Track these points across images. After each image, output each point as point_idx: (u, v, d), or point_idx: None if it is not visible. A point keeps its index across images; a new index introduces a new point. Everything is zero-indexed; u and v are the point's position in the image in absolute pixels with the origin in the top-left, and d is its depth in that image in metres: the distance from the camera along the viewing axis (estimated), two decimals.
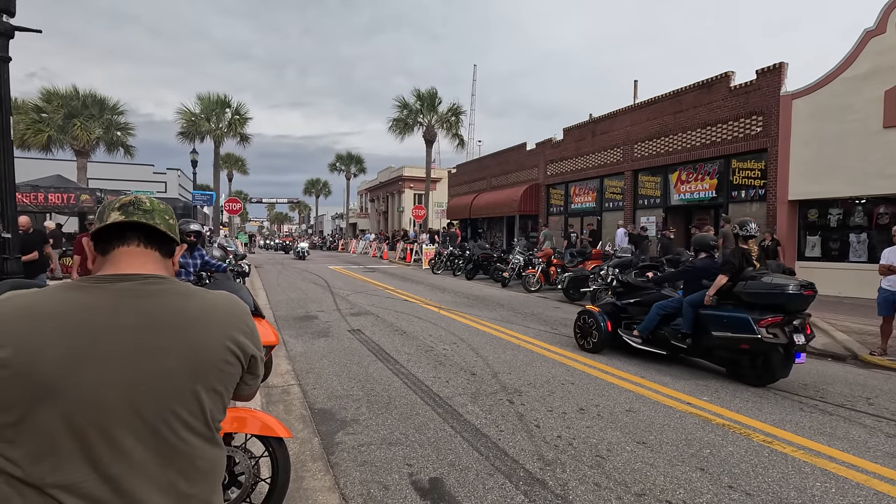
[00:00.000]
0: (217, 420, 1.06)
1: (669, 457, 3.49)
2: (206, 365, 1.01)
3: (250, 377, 1.15)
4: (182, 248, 1.19)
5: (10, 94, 4.14)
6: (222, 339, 1.04)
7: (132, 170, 34.39)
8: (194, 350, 1.00)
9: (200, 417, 1.01)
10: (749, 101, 13.04)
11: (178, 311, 1.01)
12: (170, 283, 1.05)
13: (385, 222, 46.45)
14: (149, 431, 0.94)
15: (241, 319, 1.10)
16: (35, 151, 20.27)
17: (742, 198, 13.44)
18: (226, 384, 1.06)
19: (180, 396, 0.98)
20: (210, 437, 1.04)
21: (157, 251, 1.08)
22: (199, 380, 1.00)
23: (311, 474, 3.23)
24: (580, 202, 19.90)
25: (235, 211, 23.38)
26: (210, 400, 1.02)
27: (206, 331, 1.02)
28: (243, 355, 1.08)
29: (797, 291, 5.07)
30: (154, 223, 1.06)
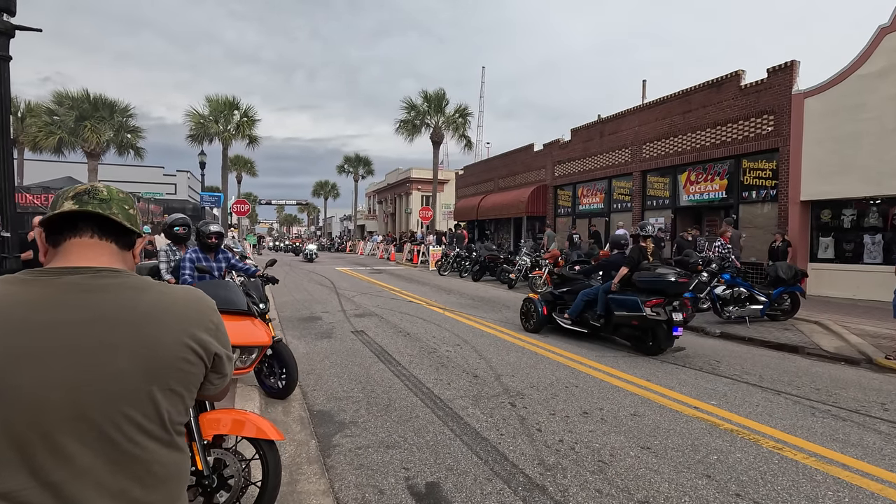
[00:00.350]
0: (177, 422, 0.99)
1: (675, 463, 3.38)
2: (161, 364, 0.94)
3: (216, 377, 1.08)
4: (143, 242, 1.11)
5: (10, 94, 4.14)
6: (180, 336, 0.97)
7: (142, 172, 34.79)
8: (148, 348, 0.93)
9: (156, 420, 0.94)
10: (760, 100, 12.82)
11: (130, 306, 0.94)
12: (124, 277, 0.97)
13: (393, 224, 46.48)
14: (96, 435, 0.88)
15: (203, 315, 1.03)
16: (47, 153, 20.55)
17: (753, 198, 13.21)
18: (185, 384, 0.99)
19: (132, 397, 0.91)
20: (168, 440, 0.97)
21: (113, 243, 1.01)
22: (154, 380, 0.93)
23: (307, 477, 3.16)
24: (588, 203, 19.73)
25: (243, 212, 23.49)
26: (167, 401, 0.95)
27: (162, 327, 0.95)
28: (205, 353, 1.01)
29: (675, 279, 6.34)
30: (110, 213, 0.98)
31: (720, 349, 6.98)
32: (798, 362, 6.33)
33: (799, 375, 5.65)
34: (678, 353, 6.59)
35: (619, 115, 17.77)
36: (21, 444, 0.83)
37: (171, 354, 0.95)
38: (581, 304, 7.16)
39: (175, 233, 5.29)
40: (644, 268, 6.67)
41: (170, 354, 0.95)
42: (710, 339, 7.76)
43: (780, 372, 5.78)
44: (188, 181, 41.30)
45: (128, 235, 1.04)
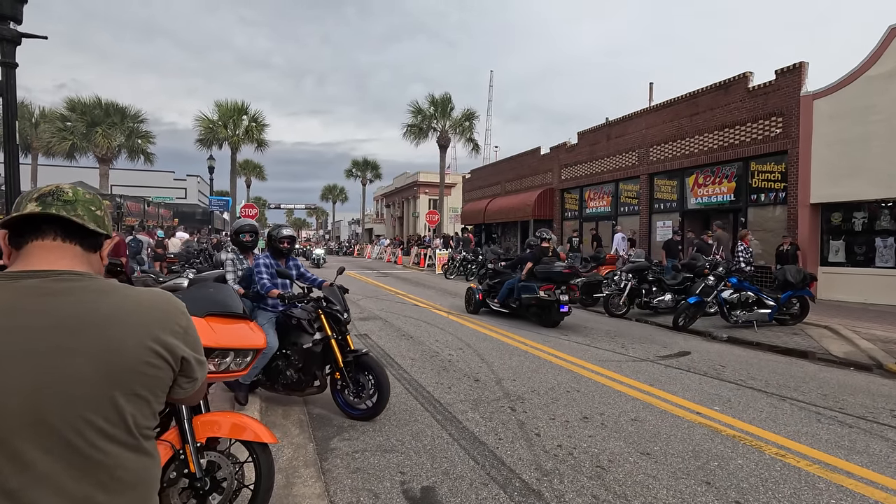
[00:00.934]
0: (144, 426, 0.99)
1: (674, 469, 3.33)
2: (124, 368, 0.93)
3: (185, 380, 1.08)
4: (111, 243, 1.11)
5: (16, 100, 4.22)
6: (144, 339, 0.97)
7: (153, 176, 35.23)
8: (110, 352, 0.92)
9: (120, 424, 0.93)
10: (768, 101, 12.70)
11: (92, 309, 0.93)
12: (86, 280, 0.97)
13: (400, 227, 46.59)
14: (57, 441, 0.87)
15: (170, 318, 1.03)
16: (59, 159, 20.88)
17: (762, 201, 13.07)
18: (150, 388, 0.98)
19: (94, 402, 0.90)
20: (134, 445, 0.96)
21: (77, 245, 1.00)
22: (117, 384, 0.92)
23: (303, 480, 3.17)
24: (595, 206, 19.64)
25: (252, 216, 23.66)
26: (131, 405, 0.95)
27: (125, 330, 0.95)
28: (172, 357, 1.01)
29: (560, 270, 8.49)
30: (74, 215, 0.98)
31: (726, 354, 6.90)
32: (806, 367, 6.23)
33: (806, 381, 5.56)
34: (682, 358, 6.52)
35: (625, 118, 17.70)
36: None
37: (133, 358, 0.95)
38: (505, 291, 9.33)
39: (241, 241, 4.93)
40: (543, 262, 8.82)
41: (133, 358, 0.94)
42: (717, 344, 7.67)
43: (786, 377, 5.69)
44: (198, 185, 41.75)
45: (93, 237, 1.03)
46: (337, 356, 4.15)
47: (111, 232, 1.08)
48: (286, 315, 4.33)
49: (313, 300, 4.29)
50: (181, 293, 3.08)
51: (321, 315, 4.21)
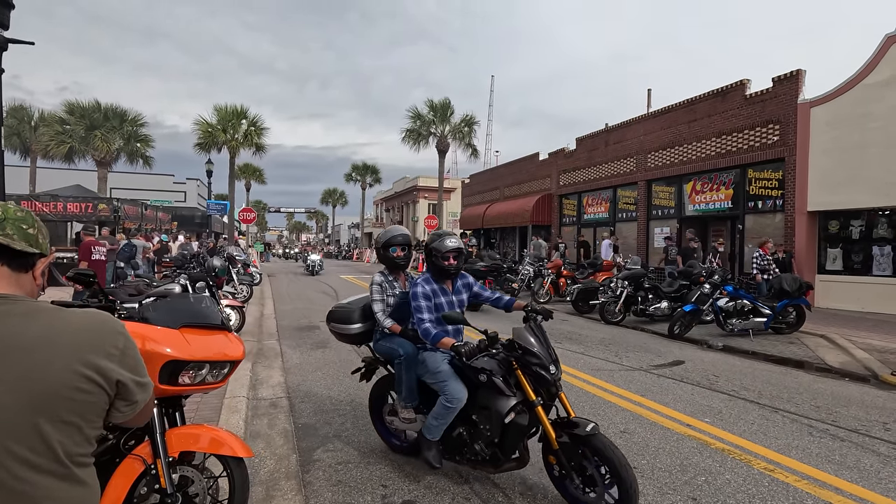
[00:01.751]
0: (76, 454, 0.95)
1: (660, 484, 3.28)
2: (48, 395, 0.90)
3: (123, 404, 1.04)
4: (46, 261, 1.07)
5: (2, 104, 4.20)
6: (72, 363, 0.93)
7: (152, 180, 35.26)
8: (33, 379, 0.89)
9: (46, 454, 0.90)
10: (765, 109, 12.69)
11: (16, 333, 0.90)
12: (11, 304, 0.94)
13: None
14: None
15: (103, 340, 0.99)
16: (58, 162, 20.89)
17: (759, 208, 13.04)
18: (81, 414, 0.95)
19: (15, 431, 0.87)
20: (64, 474, 0.93)
21: (4, 266, 0.97)
22: (41, 412, 0.89)
23: (282, 493, 3.11)
24: (593, 212, 19.61)
25: (250, 220, 23.66)
26: (59, 433, 0.91)
27: (50, 356, 0.92)
28: (105, 381, 0.97)
29: (479, 268, 11.18)
30: (2, 234, 0.95)
31: (720, 363, 6.84)
32: (800, 378, 6.17)
33: (800, 392, 5.51)
34: (676, 367, 6.47)
35: (624, 125, 17.70)
36: None
37: (59, 383, 0.91)
38: None
39: (391, 257, 3.62)
40: (468, 263, 10.85)
41: (58, 383, 0.91)
42: (712, 353, 7.61)
43: (780, 388, 5.64)
44: (198, 189, 41.77)
45: (23, 257, 1.00)
46: (549, 433, 2.85)
47: (46, 250, 1.04)
48: (469, 366, 3.09)
49: (503, 346, 3.07)
50: (158, 304, 3.04)
51: (517, 371, 2.95)
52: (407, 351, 3.35)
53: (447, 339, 3.13)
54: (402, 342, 3.40)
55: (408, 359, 3.34)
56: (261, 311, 10.58)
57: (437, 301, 3.37)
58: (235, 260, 12.70)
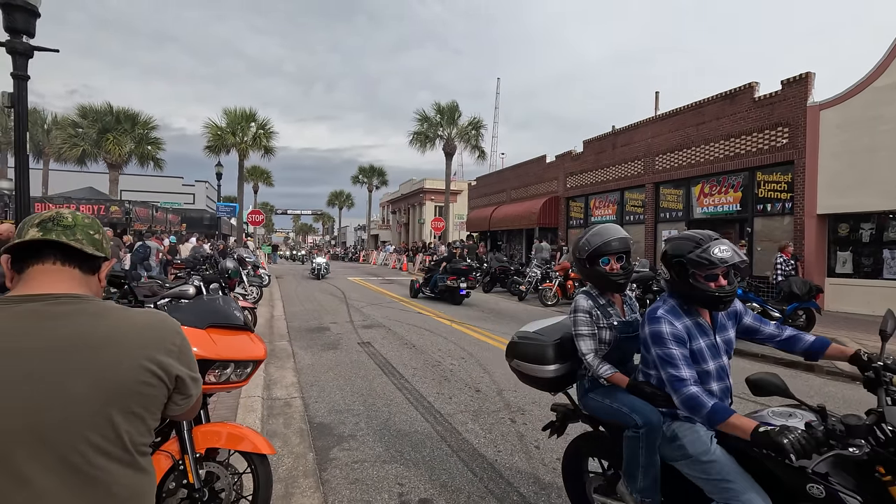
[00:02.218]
0: (140, 443, 1.03)
1: None
2: (119, 387, 0.97)
3: (180, 397, 1.12)
4: (109, 265, 1.15)
5: (27, 112, 4.31)
6: (139, 359, 1.00)
7: (162, 182, 35.62)
8: (106, 372, 0.96)
9: (116, 442, 0.97)
10: (774, 112, 12.67)
11: (88, 332, 0.98)
12: (83, 303, 1.01)
13: (406, 234, 46.71)
14: (56, 459, 0.91)
15: (164, 338, 1.07)
16: (70, 164, 21.17)
17: (768, 211, 13.01)
18: (146, 406, 1.02)
19: (91, 421, 0.94)
20: (130, 461, 1.00)
21: (76, 268, 1.05)
22: (113, 403, 0.96)
23: (301, 491, 3.18)
24: (600, 215, 19.61)
25: (258, 222, 23.88)
26: (127, 423, 0.98)
27: (120, 352, 0.99)
28: (167, 376, 1.05)
29: (460, 267, 12.92)
30: (73, 240, 1.02)
31: (730, 366, 6.84)
32: (811, 381, 6.18)
33: (810, 395, 5.51)
34: None
35: (631, 127, 17.71)
36: None
37: (129, 378, 0.98)
38: (432, 282, 13.59)
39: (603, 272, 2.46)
40: (452, 262, 13.45)
41: (128, 378, 0.98)
42: None
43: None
44: (206, 191, 42.14)
45: (91, 260, 1.07)
46: None
47: (109, 254, 1.12)
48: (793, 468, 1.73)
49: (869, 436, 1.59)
50: (185, 305, 3.13)
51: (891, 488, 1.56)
52: (648, 420, 2.14)
53: (742, 420, 1.78)
54: (635, 403, 2.22)
55: (650, 432, 2.13)
56: (271, 312, 10.68)
57: (696, 346, 2.09)
58: (245, 262, 12.84)
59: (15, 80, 4.29)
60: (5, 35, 4.27)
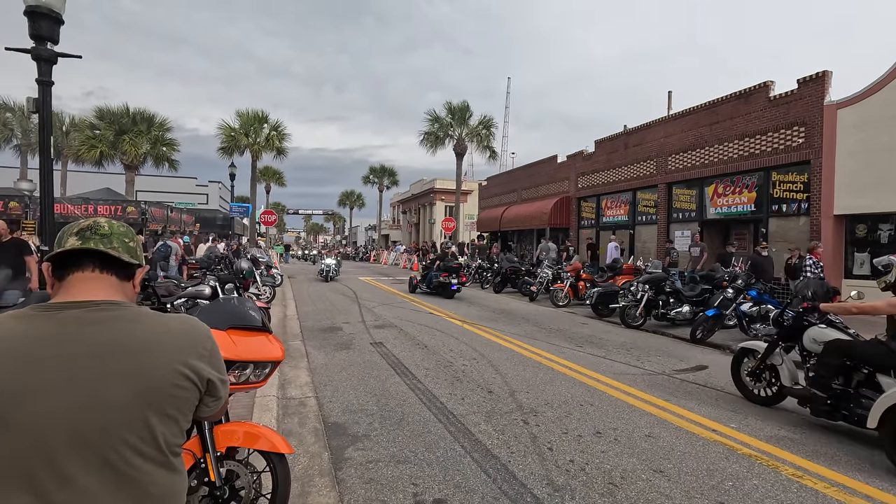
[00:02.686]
0: (173, 444, 1.07)
1: (687, 488, 3.31)
2: (155, 391, 1.01)
3: (210, 399, 1.16)
4: (143, 271, 1.19)
5: (51, 117, 4.42)
6: (174, 364, 1.05)
7: (177, 182, 36.08)
8: (143, 377, 1.00)
9: (152, 443, 1.01)
10: (790, 111, 12.50)
11: (126, 337, 1.02)
12: (120, 309, 1.05)
13: (417, 234, 46.81)
14: (96, 459, 0.95)
15: (196, 343, 1.11)
16: (88, 165, 21.54)
17: (783, 212, 12.84)
18: (180, 408, 1.06)
19: (129, 424, 0.98)
20: (164, 461, 1.04)
21: (113, 276, 1.09)
22: (150, 406, 1.00)
23: (317, 489, 3.23)
24: (612, 215, 19.49)
25: (270, 222, 24.11)
26: (162, 425, 1.03)
27: (156, 356, 1.03)
28: (199, 379, 1.09)
29: (451, 265, 14.47)
30: (110, 248, 1.07)
31: None
32: None
33: None
34: (699, 372, 6.44)
35: (644, 127, 17.58)
36: (27, 468, 0.92)
37: (164, 382, 1.03)
38: (427, 278, 14.95)
39: None
40: (445, 260, 14.93)
41: (164, 382, 1.03)
42: None
43: None
44: (219, 191, 42.60)
45: (127, 268, 1.12)
46: None
47: (143, 261, 1.16)
48: None
49: None
50: (206, 307, 3.19)
51: None
52: None
53: None
54: None
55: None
56: (284, 311, 10.79)
57: None
58: (258, 262, 12.97)
59: (40, 85, 4.39)
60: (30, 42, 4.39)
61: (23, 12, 4.30)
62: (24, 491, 0.91)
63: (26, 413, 0.92)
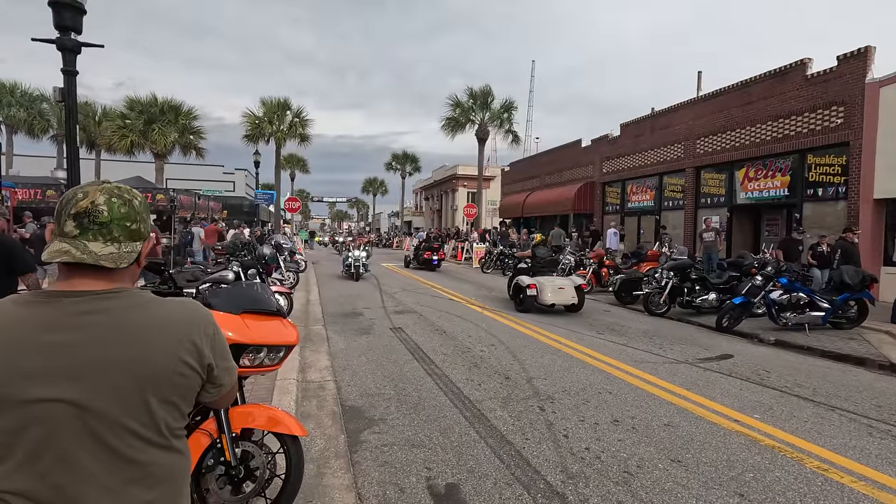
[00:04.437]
0: (174, 428, 1.08)
1: (706, 478, 3.24)
2: (156, 378, 1.02)
3: (211, 386, 1.16)
4: (149, 244, 1.17)
5: (77, 106, 4.53)
6: (175, 350, 1.05)
7: (204, 170, 36.83)
8: (144, 364, 1.01)
9: (153, 427, 1.03)
10: (828, 90, 11.90)
11: (127, 325, 1.02)
12: (122, 298, 1.05)
13: (439, 220, 46.80)
14: (98, 443, 0.97)
15: (197, 329, 1.10)
16: (120, 155, 22.18)
17: (819, 196, 12.30)
18: (181, 394, 1.07)
19: (130, 409, 1.00)
20: (165, 444, 1.06)
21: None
22: (150, 392, 1.02)
23: (332, 471, 3.29)
24: (637, 201, 19.06)
25: (295, 209, 24.43)
26: (163, 410, 1.04)
27: (157, 343, 1.03)
28: (199, 365, 1.09)
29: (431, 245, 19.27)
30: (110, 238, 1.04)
31: (772, 358, 6.59)
32: (861, 376, 5.87)
33: (860, 390, 5.24)
34: (724, 361, 6.28)
35: (671, 109, 17.04)
36: (33, 450, 0.95)
37: (165, 368, 1.03)
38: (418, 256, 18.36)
39: None
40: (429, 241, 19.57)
41: (164, 368, 1.03)
42: (763, 347, 7.33)
43: (837, 386, 5.38)
44: (245, 178, 43.36)
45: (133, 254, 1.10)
46: None
47: (148, 235, 1.14)
48: None
49: None
50: (221, 291, 3.25)
51: None
52: None
53: None
54: None
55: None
56: (307, 297, 10.97)
57: None
58: (282, 248, 13.18)
59: (65, 75, 4.50)
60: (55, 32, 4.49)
61: (47, 3, 4.40)
62: (29, 471, 0.94)
63: (33, 397, 0.94)
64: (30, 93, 25.56)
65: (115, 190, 1.09)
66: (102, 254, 1.03)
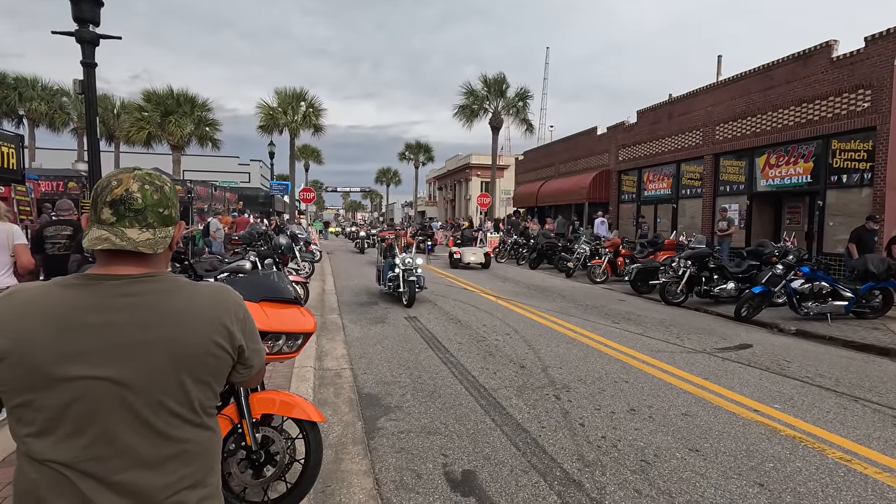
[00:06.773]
0: (207, 406, 1.12)
1: (724, 468, 3.21)
2: (191, 358, 1.06)
3: (242, 367, 1.20)
4: (181, 228, 1.20)
5: (96, 97, 4.59)
6: (209, 332, 1.08)
7: (220, 161, 37.25)
8: (179, 344, 1.05)
9: (187, 406, 1.07)
10: (855, 73, 11.50)
11: (164, 307, 1.06)
12: (157, 281, 1.09)
13: (452, 210, 46.73)
14: (137, 420, 1.02)
15: (229, 312, 1.13)
16: (138, 146, 22.52)
17: (843, 183, 11.96)
18: (214, 374, 1.11)
19: (167, 388, 1.04)
20: (199, 422, 1.10)
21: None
22: (185, 371, 1.06)
23: (350, 457, 3.34)
24: (654, 189, 18.76)
25: (309, 200, 24.59)
26: (197, 389, 1.08)
27: (192, 324, 1.07)
28: (231, 347, 1.12)
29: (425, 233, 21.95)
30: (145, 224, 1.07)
31: (793, 348, 6.48)
32: (885, 366, 5.74)
33: (884, 381, 5.14)
34: (742, 351, 6.20)
35: (689, 95, 16.67)
36: (77, 425, 1.00)
37: (199, 349, 1.08)
38: None
39: None
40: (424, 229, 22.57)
41: (198, 349, 1.07)
42: (783, 337, 7.21)
43: (860, 376, 5.28)
44: (261, 169, 43.74)
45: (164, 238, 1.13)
46: None
47: (178, 219, 1.17)
48: None
49: None
50: (239, 279, 3.29)
51: None
52: None
53: None
54: None
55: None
56: (322, 286, 11.07)
57: None
58: (298, 238, 13.30)
59: (84, 67, 4.57)
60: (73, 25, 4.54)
61: None
62: (74, 444, 1.00)
63: (76, 375, 0.99)
64: (50, 87, 26.03)
65: (147, 177, 1.12)
66: (140, 240, 1.07)
